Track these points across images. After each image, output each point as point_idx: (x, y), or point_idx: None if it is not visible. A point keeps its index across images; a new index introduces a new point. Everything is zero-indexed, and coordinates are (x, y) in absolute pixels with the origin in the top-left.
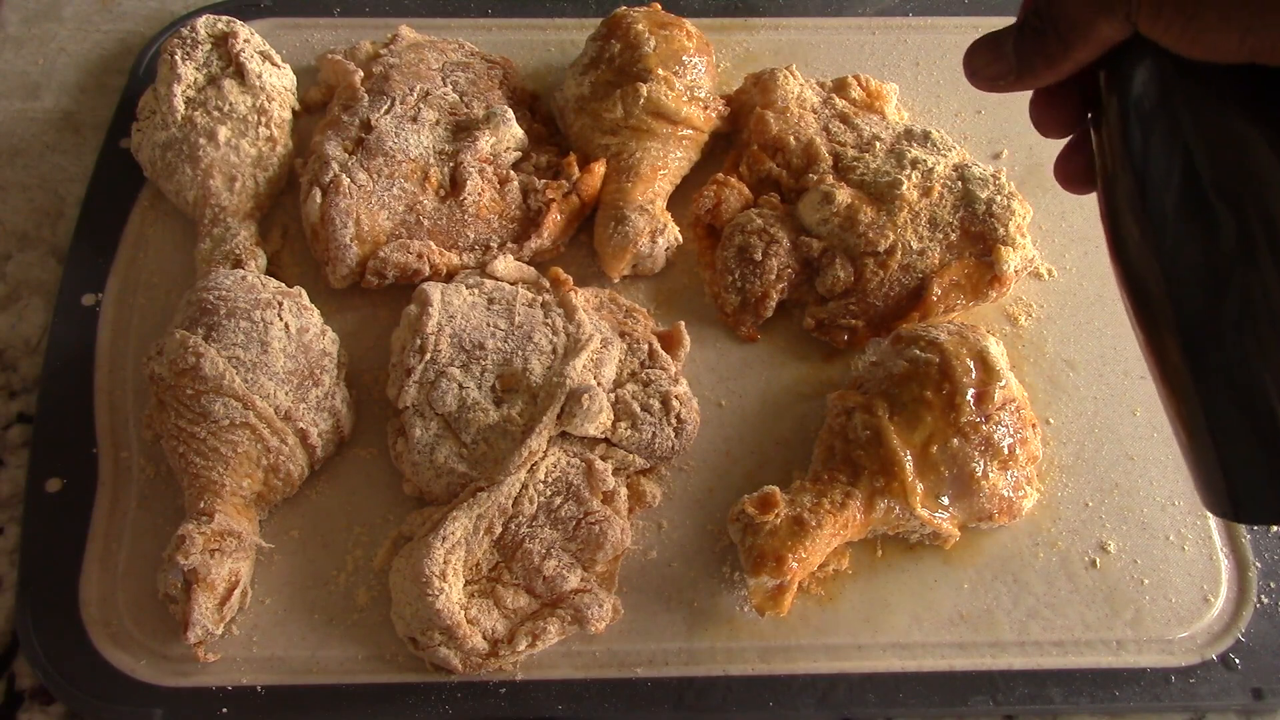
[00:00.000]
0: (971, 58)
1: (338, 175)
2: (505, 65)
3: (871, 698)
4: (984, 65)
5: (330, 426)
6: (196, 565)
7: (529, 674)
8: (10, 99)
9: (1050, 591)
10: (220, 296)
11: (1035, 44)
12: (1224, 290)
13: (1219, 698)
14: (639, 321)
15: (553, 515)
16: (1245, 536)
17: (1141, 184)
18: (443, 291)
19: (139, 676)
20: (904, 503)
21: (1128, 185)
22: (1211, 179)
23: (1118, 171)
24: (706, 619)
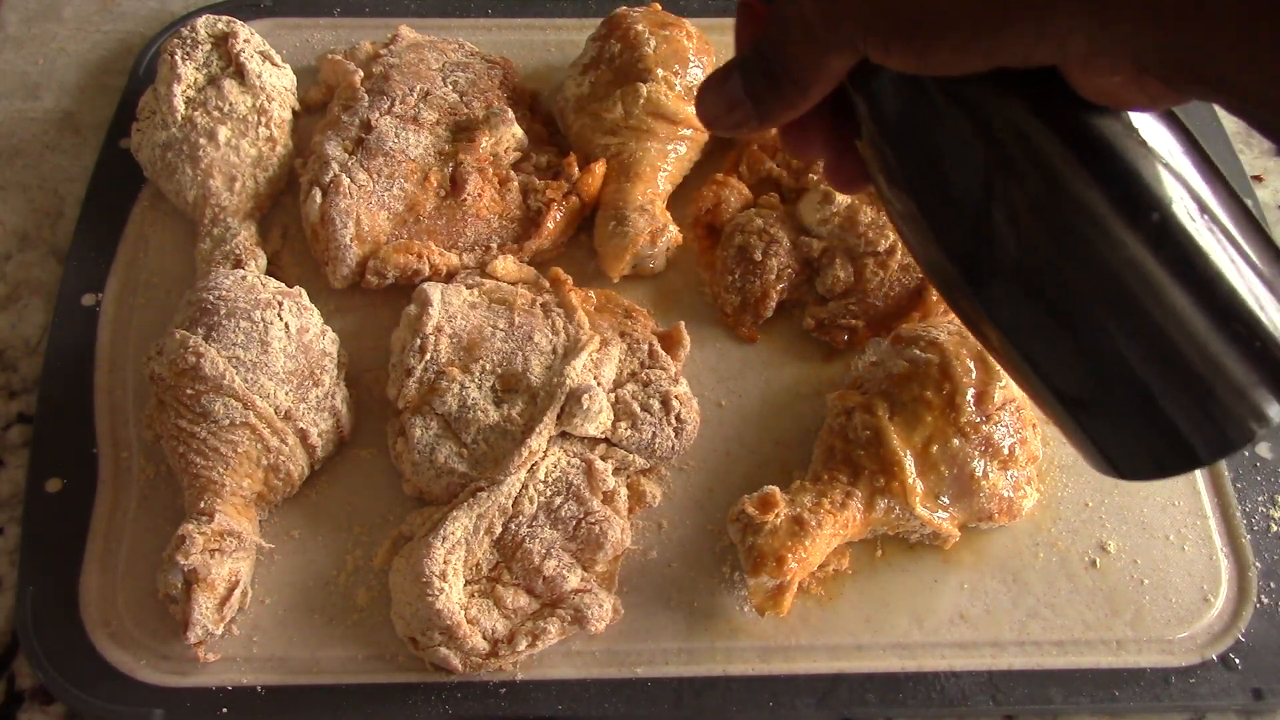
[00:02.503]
0: (704, 106)
1: (338, 175)
2: (505, 65)
3: (871, 698)
4: (721, 114)
5: (330, 426)
6: (196, 565)
7: (529, 674)
8: (10, 99)
9: (1050, 591)
10: (220, 296)
11: (769, 88)
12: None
13: (1219, 698)
14: (639, 321)
15: (553, 515)
16: (1245, 537)
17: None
18: (443, 291)
19: (139, 676)
20: (904, 503)
21: (901, 188)
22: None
23: (889, 179)
24: (706, 619)
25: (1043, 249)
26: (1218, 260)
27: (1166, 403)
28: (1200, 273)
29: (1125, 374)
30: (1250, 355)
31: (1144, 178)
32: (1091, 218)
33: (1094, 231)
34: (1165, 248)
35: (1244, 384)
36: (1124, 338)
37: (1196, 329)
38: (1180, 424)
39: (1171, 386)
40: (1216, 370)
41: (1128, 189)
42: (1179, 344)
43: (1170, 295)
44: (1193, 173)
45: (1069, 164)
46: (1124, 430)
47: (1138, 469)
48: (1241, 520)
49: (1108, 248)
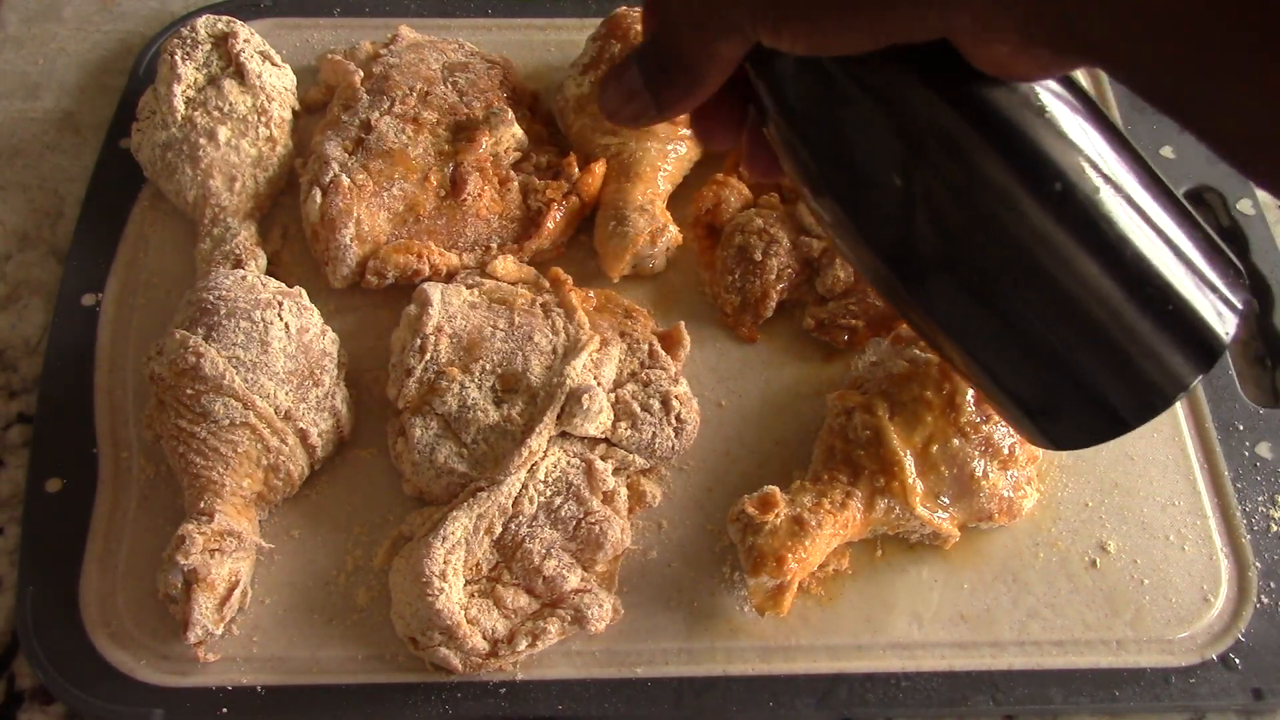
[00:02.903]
0: (604, 98)
1: (338, 175)
2: (505, 65)
3: (871, 698)
4: (621, 106)
5: (330, 426)
6: (196, 565)
7: (529, 674)
8: (10, 99)
9: (1050, 591)
10: (220, 296)
11: (664, 79)
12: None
13: (1219, 698)
14: (639, 321)
15: (553, 515)
16: (1245, 536)
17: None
18: (443, 291)
19: (139, 676)
20: (904, 503)
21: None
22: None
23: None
24: (706, 619)
25: (944, 221)
26: (1124, 227)
27: (1087, 370)
28: (1107, 240)
29: (1042, 344)
30: (1163, 319)
31: (1043, 148)
32: (992, 190)
33: (995, 203)
34: (1070, 217)
35: (1160, 348)
36: (1037, 308)
37: (1108, 296)
38: (1102, 390)
39: (1089, 354)
40: (1132, 336)
41: (1027, 160)
42: (1092, 311)
43: (1079, 264)
44: (1096, 141)
45: (965, 137)
46: (1049, 400)
47: (1067, 438)
48: (1241, 520)
49: (1011, 219)
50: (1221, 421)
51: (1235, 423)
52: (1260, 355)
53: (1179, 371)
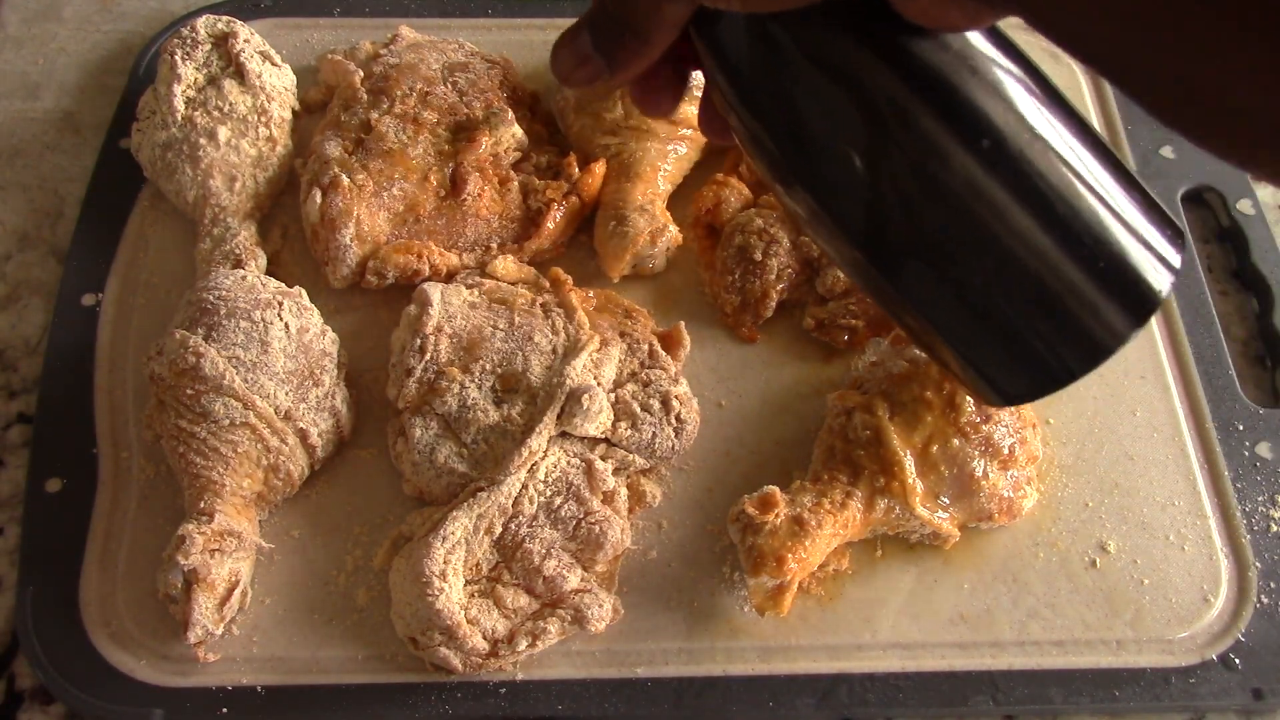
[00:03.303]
0: (557, 62)
1: (338, 175)
2: (505, 65)
3: (871, 698)
4: (573, 69)
5: (330, 426)
6: (196, 565)
7: (529, 674)
8: (10, 99)
9: (1050, 591)
10: (220, 296)
11: (613, 42)
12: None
13: (1219, 698)
14: (639, 321)
15: (553, 515)
16: (1245, 536)
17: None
18: (443, 291)
19: (139, 676)
20: (904, 503)
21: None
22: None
23: (737, 121)
24: (706, 619)
25: (876, 173)
26: (1056, 182)
27: (1026, 323)
28: (1039, 195)
29: (980, 297)
30: (1098, 272)
31: (973, 103)
32: (922, 144)
33: (926, 157)
34: (1001, 172)
35: (1096, 301)
36: (973, 261)
37: (1042, 249)
38: (1042, 343)
39: (1028, 307)
40: (1068, 289)
41: (956, 115)
42: (1027, 265)
43: (1012, 218)
44: (1029, 98)
45: (895, 90)
46: (991, 354)
47: (1012, 390)
48: (1241, 520)
49: (941, 173)
50: (1221, 421)
51: (1235, 423)
52: (1260, 355)
53: (1115, 324)
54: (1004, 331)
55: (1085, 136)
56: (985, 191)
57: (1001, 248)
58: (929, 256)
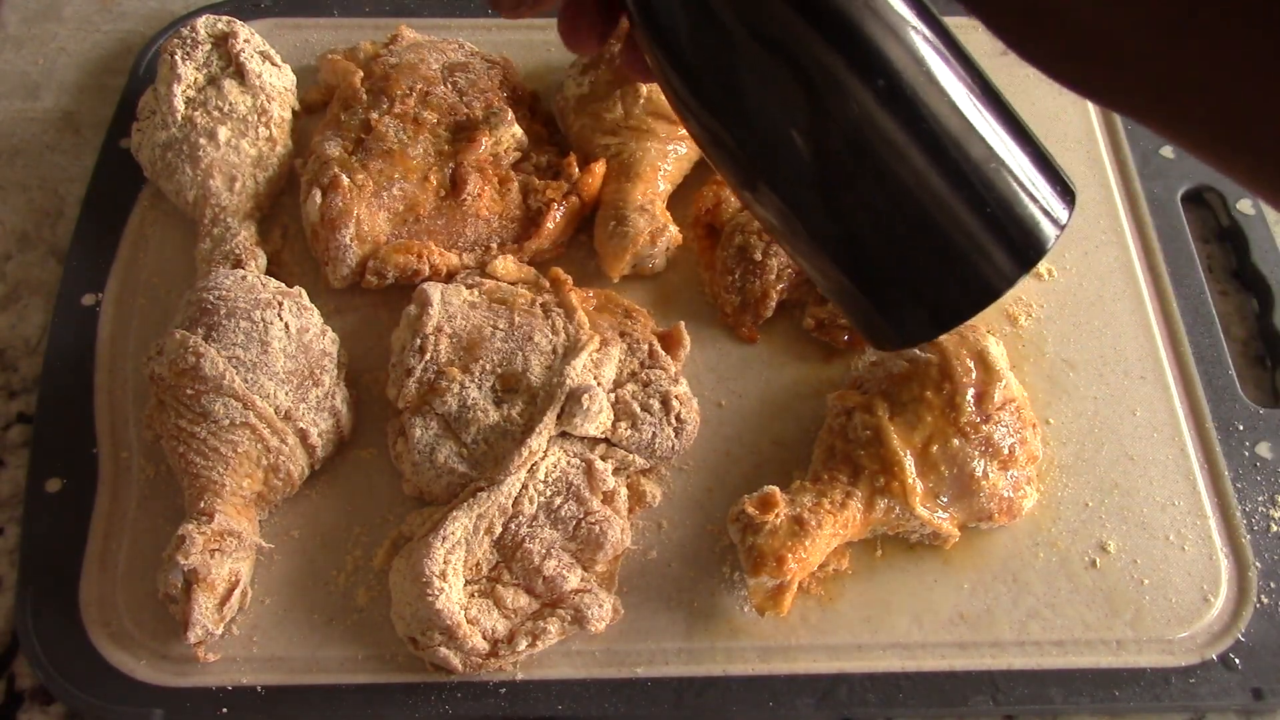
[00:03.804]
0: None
1: (338, 175)
2: (505, 65)
3: (871, 698)
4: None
5: (330, 426)
6: (196, 565)
7: (529, 674)
8: (10, 99)
9: (1050, 591)
10: (220, 296)
11: None
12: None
13: (1219, 698)
14: (639, 321)
15: (553, 515)
16: (1245, 537)
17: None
18: (442, 291)
19: (139, 676)
20: (904, 503)
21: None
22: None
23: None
24: (706, 619)
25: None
26: (950, 125)
27: (915, 261)
28: (929, 139)
29: (872, 235)
30: (985, 217)
31: (872, 41)
32: (822, 78)
33: (825, 92)
34: (893, 113)
35: (983, 243)
36: (864, 200)
37: (933, 190)
38: (931, 282)
39: (917, 245)
40: (956, 229)
41: (852, 53)
42: (917, 204)
43: (906, 156)
44: (924, 42)
45: (793, 25)
46: (882, 292)
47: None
48: (1241, 520)
49: (840, 109)
50: (1221, 421)
51: (1235, 423)
52: (1260, 355)
53: (1002, 267)
54: (896, 269)
55: (984, 89)
56: (880, 128)
57: (894, 185)
58: (825, 189)
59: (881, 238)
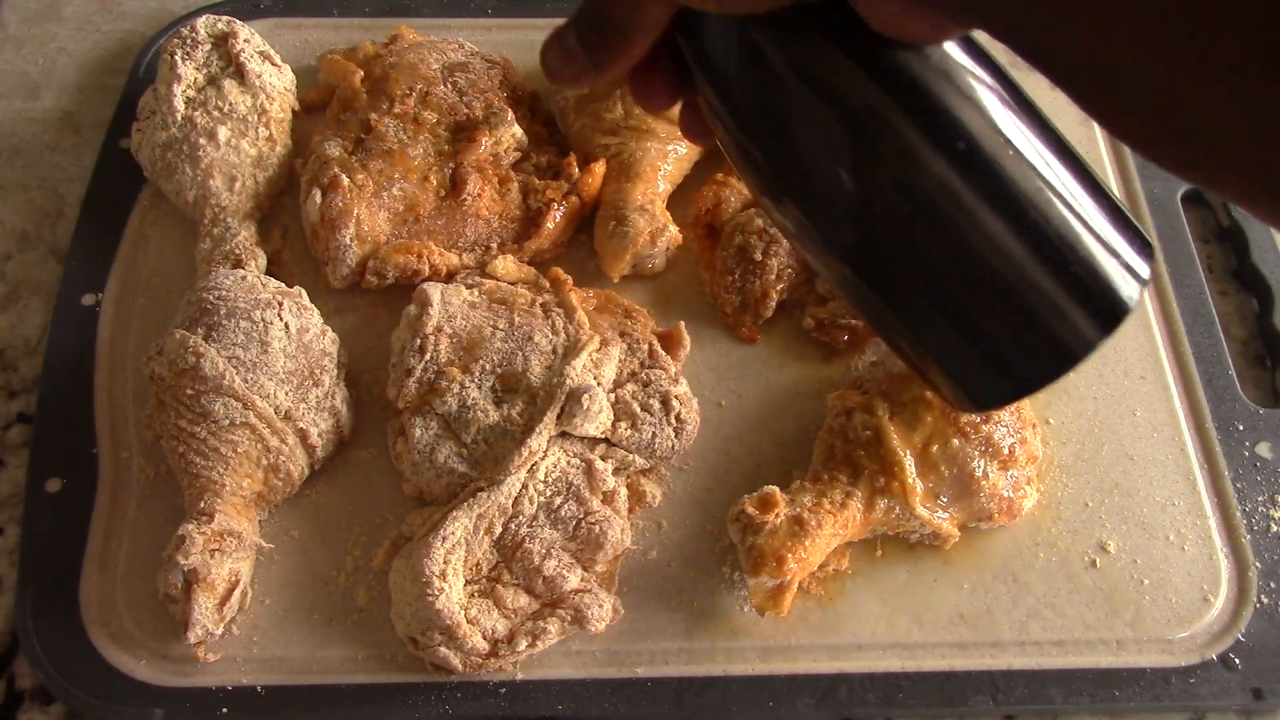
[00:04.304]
0: (545, 60)
1: (337, 175)
2: (505, 65)
3: (871, 698)
4: (560, 67)
5: (330, 426)
6: (196, 565)
7: (529, 674)
8: (10, 99)
9: (1050, 591)
10: (220, 296)
11: (597, 40)
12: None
13: (1219, 698)
14: (639, 321)
15: (553, 515)
16: (1245, 536)
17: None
18: (442, 291)
19: (139, 676)
20: (904, 503)
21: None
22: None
23: (716, 122)
24: (706, 619)
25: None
26: (1027, 187)
27: (996, 329)
28: (1009, 200)
29: (952, 302)
30: (1067, 280)
31: (945, 107)
32: (895, 145)
33: (899, 158)
34: (973, 176)
35: (1065, 308)
36: (944, 264)
37: (1013, 254)
38: (1012, 349)
39: (998, 312)
40: (1038, 295)
41: (929, 118)
42: (998, 269)
43: (985, 222)
44: (998, 103)
45: (871, 93)
46: (962, 359)
47: (984, 396)
48: (1241, 520)
49: (916, 176)
50: (1221, 421)
51: (1235, 423)
52: (1260, 355)
53: (1085, 331)
54: (974, 336)
55: (1058, 146)
56: (957, 194)
57: (973, 251)
58: (904, 258)
59: (958, 304)
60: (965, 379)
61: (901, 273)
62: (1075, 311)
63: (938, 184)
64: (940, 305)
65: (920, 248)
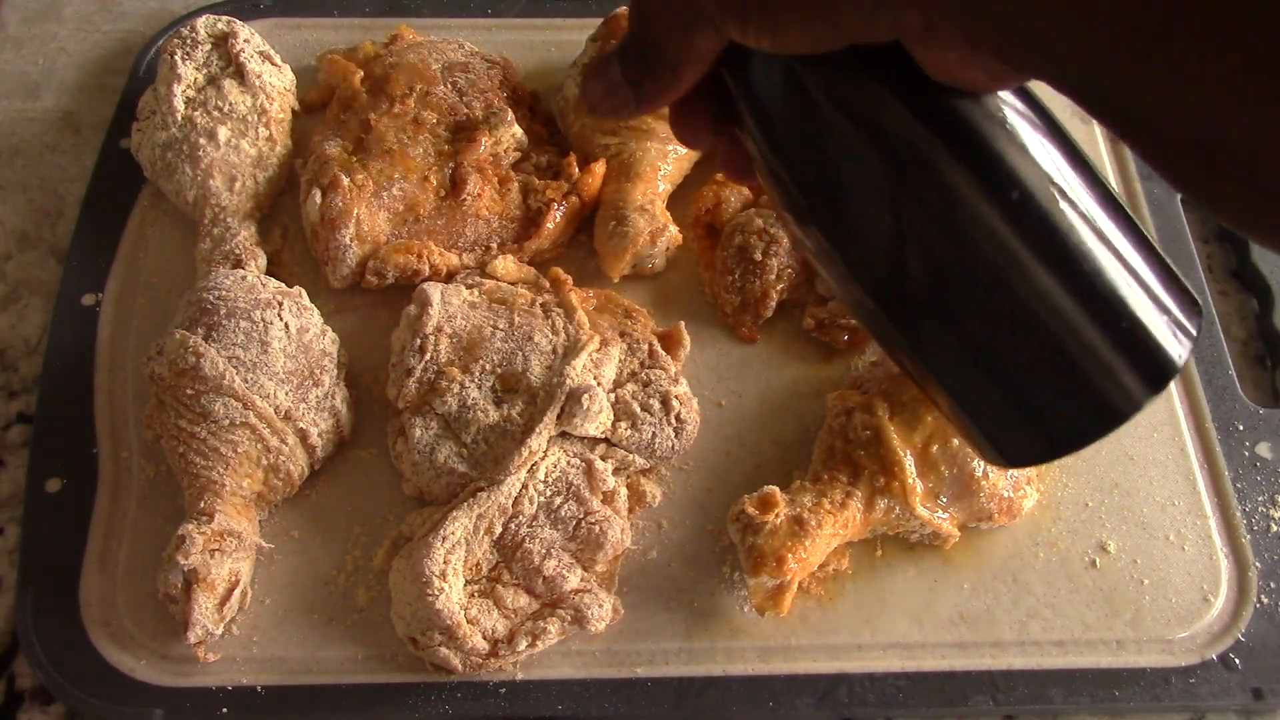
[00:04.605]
0: (588, 92)
1: (337, 175)
2: (505, 65)
3: (871, 698)
4: (602, 99)
5: (330, 426)
6: (196, 565)
7: (529, 674)
8: (10, 99)
9: (1050, 591)
10: (220, 296)
11: (643, 72)
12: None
13: (1219, 698)
14: (639, 321)
15: (553, 515)
16: (1245, 537)
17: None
18: (442, 291)
19: (139, 676)
20: (904, 503)
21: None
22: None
23: (762, 160)
24: (706, 619)
25: (900, 224)
26: (1080, 241)
27: (1041, 384)
28: (1062, 252)
29: (997, 355)
30: (1117, 337)
31: (999, 156)
32: (945, 192)
33: (948, 205)
34: (1025, 227)
35: (1114, 365)
36: (991, 317)
37: (1062, 309)
38: (1056, 405)
39: (1044, 367)
40: (1086, 351)
41: (981, 166)
42: (1046, 323)
43: (1034, 273)
44: (1052, 154)
45: (924, 141)
46: (1004, 414)
47: (1023, 453)
48: (1241, 520)
49: (964, 222)
50: (1221, 421)
51: (1235, 423)
52: (1260, 355)
53: (1132, 390)
54: (1017, 391)
55: (1107, 199)
56: (1009, 246)
57: (1022, 305)
58: (948, 309)
59: (1002, 358)
60: (1001, 435)
61: (947, 323)
62: (1124, 369)
63: (990, 233)
64: (983, 359)
65: (969, 298)
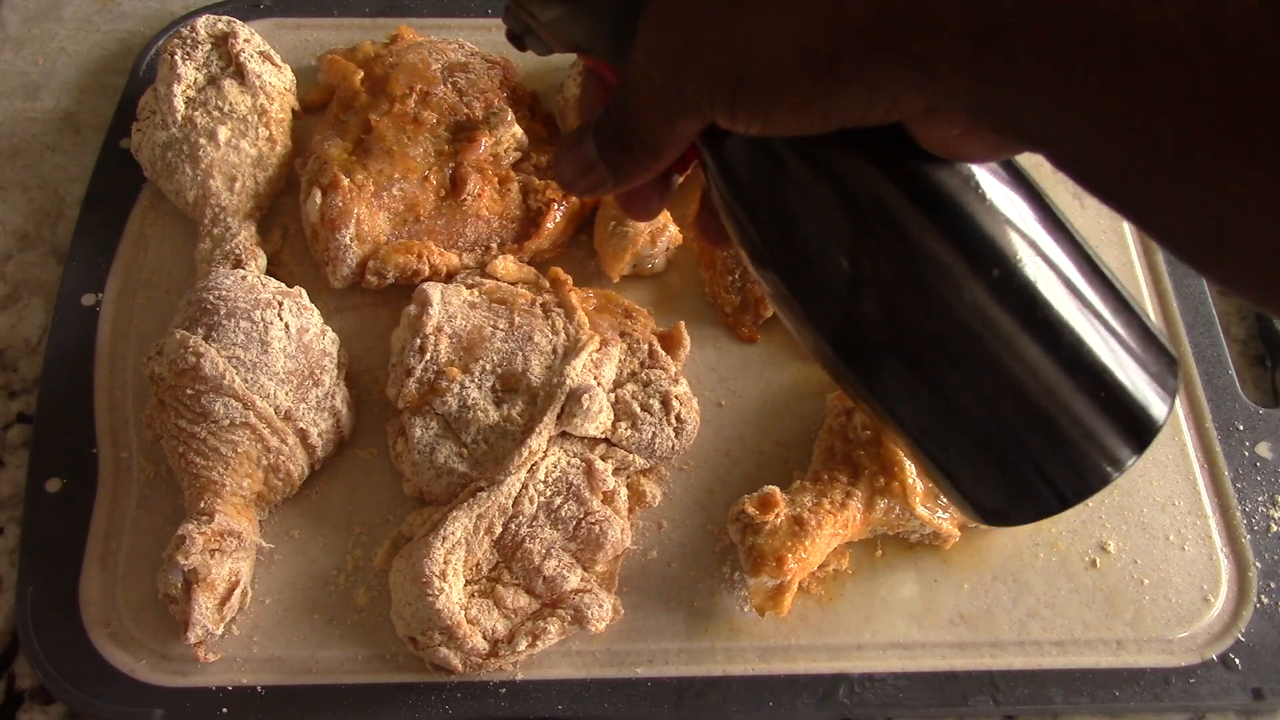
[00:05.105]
0: (560, 170)
1: (338, 175)
2: (505, 65)
3: (871, 698)
4: (576, 178)
5: (330, 426)
6: (196, 565)
7: (529, 674)
8: (10, 99)
9: (1050, 591)
10: (220, 296)
11: (623, 153)
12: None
13: (1219, 698)
14: (639, 321)
15: (553, 515)
16: (1245, 537)
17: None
18: (442, 291)
19: (139, 676)
20: (904, 503)
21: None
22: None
23: (742, 230)
24: (706, 619)
25: (881, 299)
26: (1062, 311)
27: (1025, 450)
28: (1043, 324)
29: (980, 425)
30: (1099, 402)
31: (982, 232)
32: (930, 271)
33: (933, 284)
34: (1008, 300)
35: (1097, 429)
36: (975, 389)
37: (1045, 378)
38: (1041, 470)
39: (1027, 435)
40: (1069, 417)
41: (965, 243)
42: (1029, 393)
43: (1017, 346)
44: (1035, 226)
45: (906, 215)
46: (988, 479)
47: (1006, 515)
48: (1241, 520)
49: (948, 301)
50: (1221, 421)
51: (1235, 423)
52: (1260, 355)
53: (1115, 452)
54: (1002, 456)
55: (1088, 265)
56: (991, 318)
57: (1007, 375)
58: (931, 379)
59: (987, 426)
60: (984, 499)
61: (929, 392)
62: (1108, 433)
63: (974, 308)
64: (969, 425)
65: (952, 369)
